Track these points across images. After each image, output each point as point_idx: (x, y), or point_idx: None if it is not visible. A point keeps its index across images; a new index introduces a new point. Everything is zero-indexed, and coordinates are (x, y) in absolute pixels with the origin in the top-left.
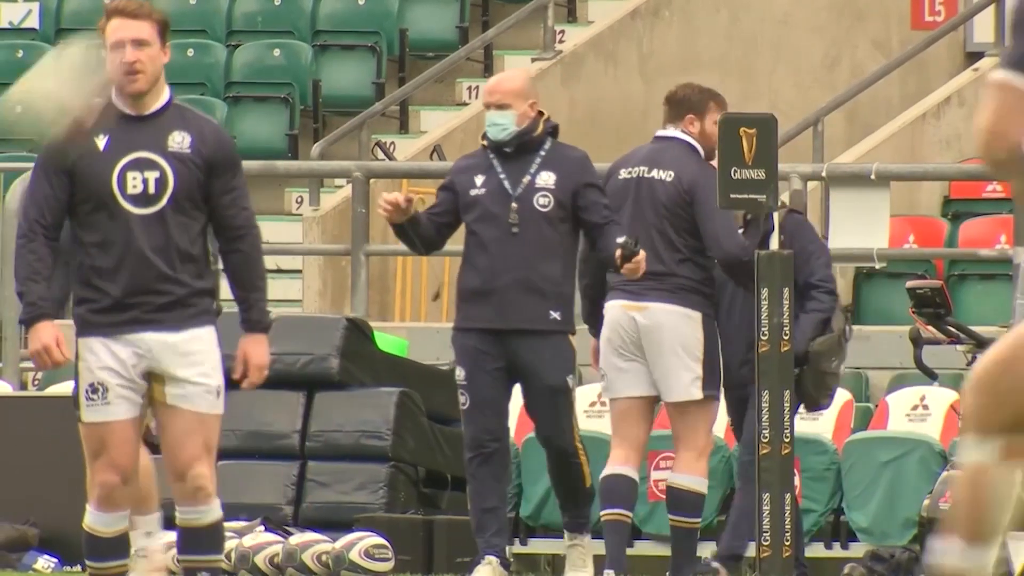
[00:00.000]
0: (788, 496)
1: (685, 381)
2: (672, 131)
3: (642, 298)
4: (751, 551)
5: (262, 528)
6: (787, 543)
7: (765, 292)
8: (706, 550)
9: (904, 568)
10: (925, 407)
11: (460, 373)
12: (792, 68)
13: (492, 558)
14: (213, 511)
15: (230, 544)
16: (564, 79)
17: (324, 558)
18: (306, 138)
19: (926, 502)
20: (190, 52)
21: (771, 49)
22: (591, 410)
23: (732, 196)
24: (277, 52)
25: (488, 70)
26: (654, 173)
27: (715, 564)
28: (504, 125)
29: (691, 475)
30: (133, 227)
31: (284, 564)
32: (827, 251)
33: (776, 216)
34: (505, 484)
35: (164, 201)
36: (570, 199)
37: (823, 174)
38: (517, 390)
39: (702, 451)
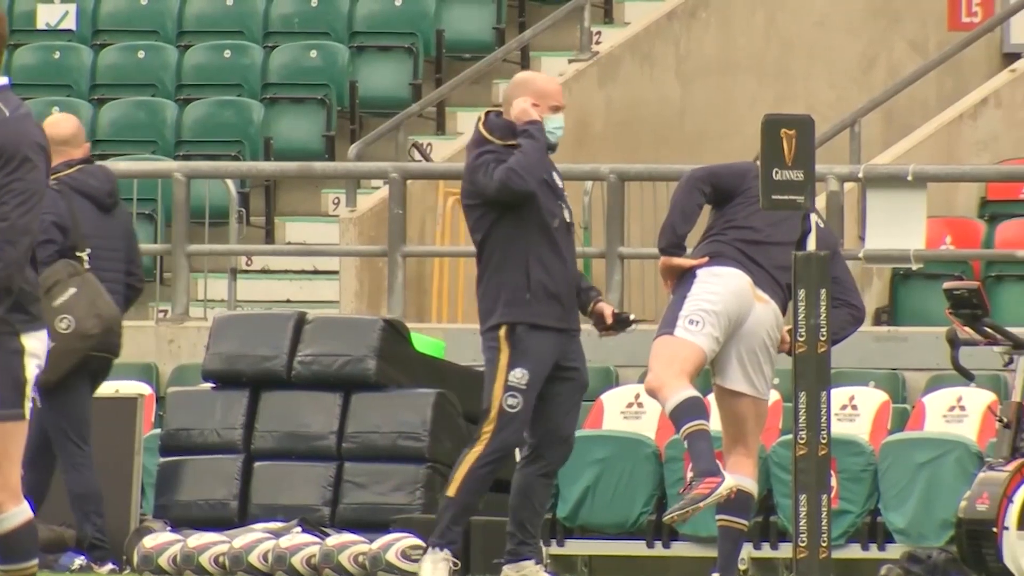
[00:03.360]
0: (824, 497)
1: (768, 381)
2: None
3: (765, 291)
4: (788, 551)
5: (299, 529)
6: (824, 544)
7: (802, 293)
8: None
9: (941, 569)
10: (962, 408)
11: (523, 376)
12: (829, 69)
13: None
14: (3, 521)
15: (267, 545)
16: (601, 80)
17: (361, 559)
18: (343, 139)
19: (963, 503)
20: (227, 54)
21: (808, 50)
22: (627, 411)
23: (774, 197)
24: (314, 53)
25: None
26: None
27: None
28: (563, 128)
29: (748, 477)
30: None
31: (321, 565)
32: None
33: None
34: None
35: None
36: None
37: (860, 175)
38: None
39: (756, 453)
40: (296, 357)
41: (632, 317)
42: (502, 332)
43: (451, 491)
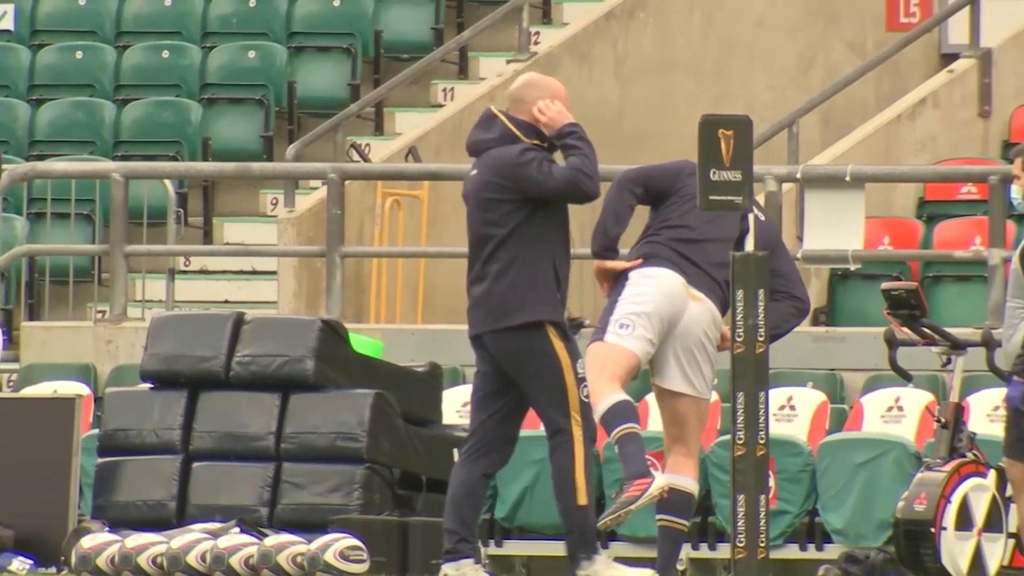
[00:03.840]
0: (762, 498)
1: (708, 380)
2: None
3: (700, 290)
4: (726, 552)
5: (237, 529)
6: (762, 545)
7: (740, 294)
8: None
9: (879, 569)
10: (900, 408)
11: (583, 366)
12: (767, 70)
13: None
14: None
15: (205, 546)
16: None
17: (299, 559)
18: (281, 140)
19: (900, 503)
20: (165, 54)
21: (746, 51)
22: None
23: (711, 198)
24: (252, 54)
25: (463, 72)
26: None
27: None
28: None
29: (689, 477)
30: None
31: (259, 565)
32: None
33: (754, 218)
34: None
35: None
36: None
37: (798, 176)
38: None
39: (697, 453)
40: (234, 357)
41: (587, 322)
42: (550, 330)
43: (582, 499)
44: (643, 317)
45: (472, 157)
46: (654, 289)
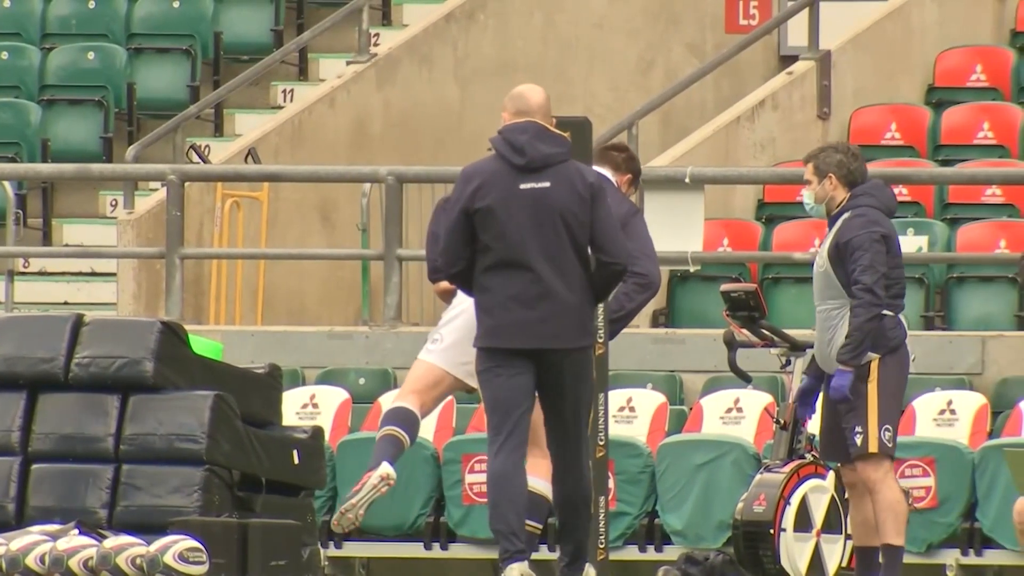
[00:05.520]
0: (602, 499)
1: None
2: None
3: None
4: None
5: (76, 531)
6: (601, 546)
7: None
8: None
9: (718, 571)
10: (739, 410)
11: None
12: (607, 71)
13: None
14: None
15: (44, 548)
16: (379, 82)
17: (138, 561)
18: (120, 141)
19: (740, 505)
20: (4, 55)
21: (586, 52)
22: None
23: None
24: (91, 55)
25: (303, 73)
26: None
27: None
28: None
29: (543, 479)
30: None
31: (98, 567)
32: None
33: None
34: None
35: None
36: None
37: None
38: (321, 392)
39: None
40: (73, 359)
41: None
42: (594, 354)
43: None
44: (453, 329)
45: (530, 170)
46: (465, 299)
